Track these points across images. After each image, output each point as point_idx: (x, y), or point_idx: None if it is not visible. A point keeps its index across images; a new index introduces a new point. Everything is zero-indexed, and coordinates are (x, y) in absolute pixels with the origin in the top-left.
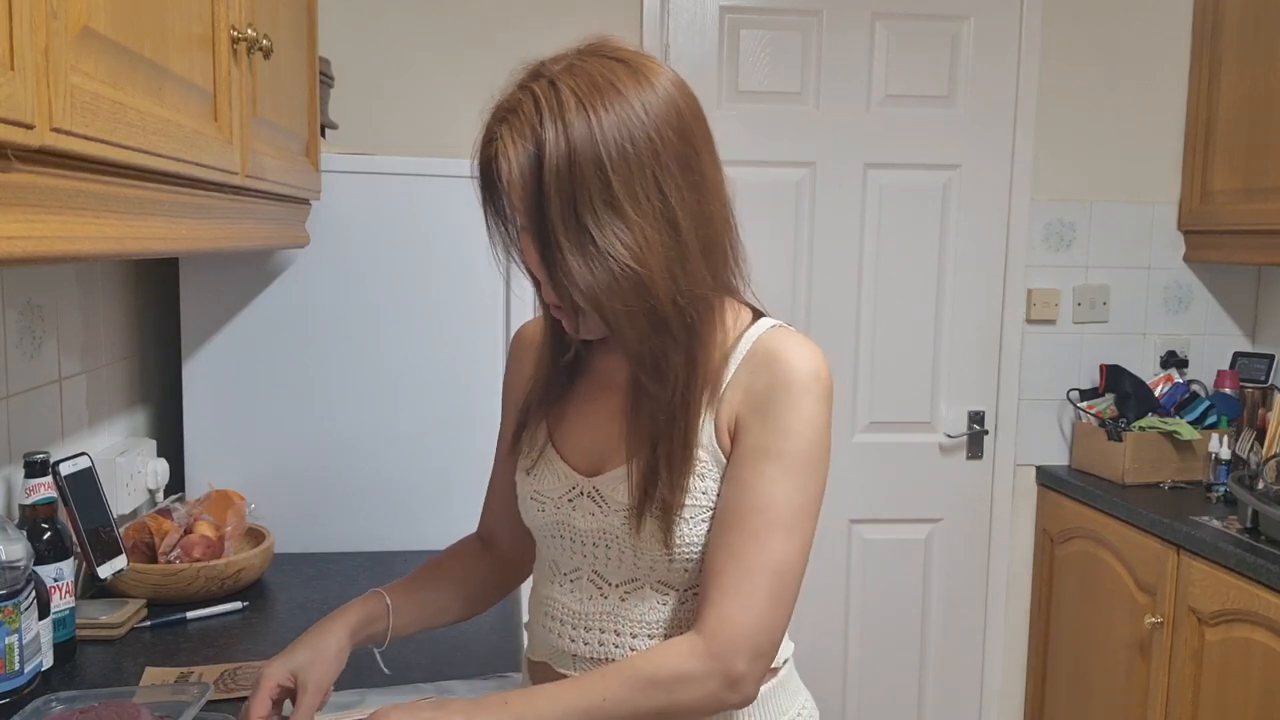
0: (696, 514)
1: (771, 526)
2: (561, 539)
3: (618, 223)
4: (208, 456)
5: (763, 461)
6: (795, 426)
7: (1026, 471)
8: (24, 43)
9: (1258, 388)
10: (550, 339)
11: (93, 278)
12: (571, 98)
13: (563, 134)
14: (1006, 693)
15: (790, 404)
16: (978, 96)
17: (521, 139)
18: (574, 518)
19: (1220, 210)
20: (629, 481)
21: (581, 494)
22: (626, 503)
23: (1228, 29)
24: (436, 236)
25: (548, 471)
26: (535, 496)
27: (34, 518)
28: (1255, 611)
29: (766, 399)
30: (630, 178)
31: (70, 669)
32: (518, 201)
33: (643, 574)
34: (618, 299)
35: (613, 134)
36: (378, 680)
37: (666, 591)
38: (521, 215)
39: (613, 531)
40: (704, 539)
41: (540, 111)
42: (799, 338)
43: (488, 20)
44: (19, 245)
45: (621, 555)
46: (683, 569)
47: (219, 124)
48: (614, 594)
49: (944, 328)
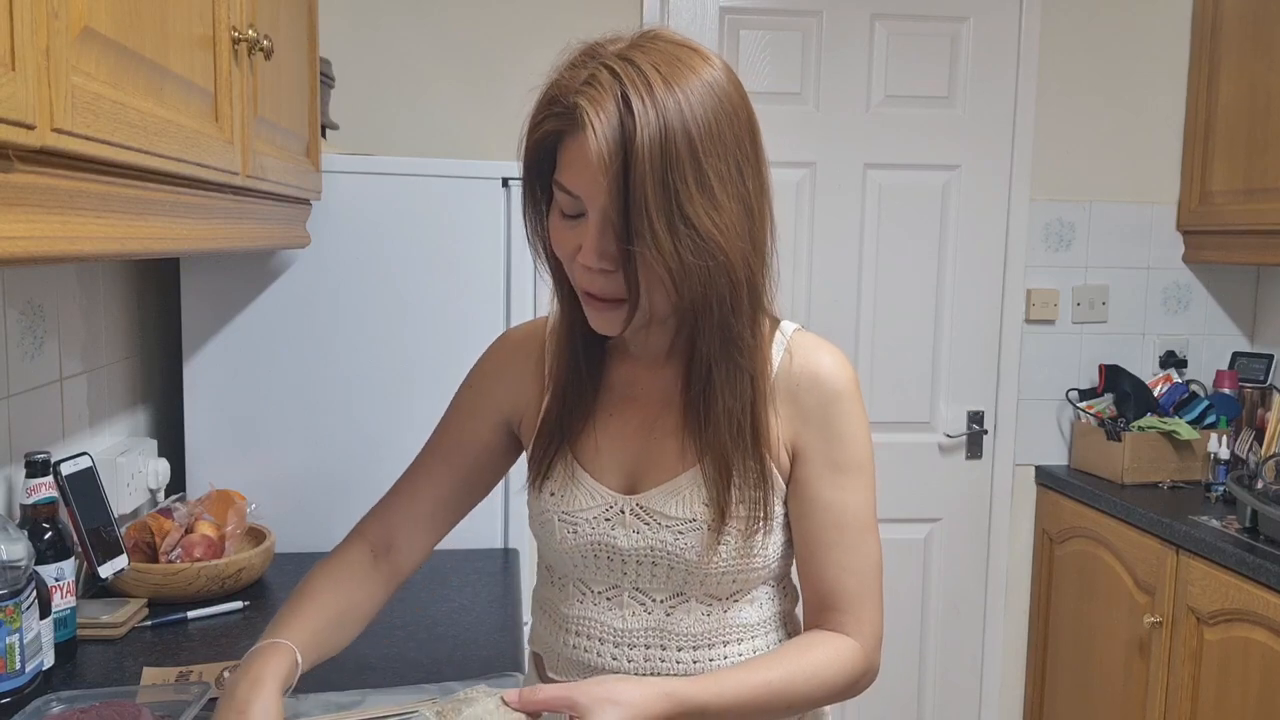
0: (774, 525)
1: (863, 531)
2: (597, 559)
3: (708, 202)
4: (208, 456)
5: (837, 475)
6: (852, 432)
7: (1026, 471)
8: (25, 43)
9: (1256, 388)
10: (577, 349)
11: (94, 278)
12: (655, 74)
13: (652, 108)
14: (1006, 693)
15: (843, 415)
16: (977, 97)
17: (606, 112)
18: (615, 536)
19: (1219, 210)
20: (683, 496)
21: (622, 512)
22: (681, 516)
23: (1227, 29)
24: (436, 236)
25: (576, 491)
26: (565, 518)
27: (35, 517)
28: (1254, 611)
29: (821, 416)
30: (717, 158)
31: (71, 668)
32: (599, 177)
33: (690, 588)
34: (702, 282)
35: (700, 112)
36: (378, 680)
37: (711, 603)
38: (603, 194)
39: (660, 548)
40: (780, 550)
41: (624, 85)
42: (820, 341)
43: (487, 21)
44: (20, 245)
45: (670, 570)
46: (731, 580)
47: (220, 124)
48: (659, 609)
49: (943, 328)
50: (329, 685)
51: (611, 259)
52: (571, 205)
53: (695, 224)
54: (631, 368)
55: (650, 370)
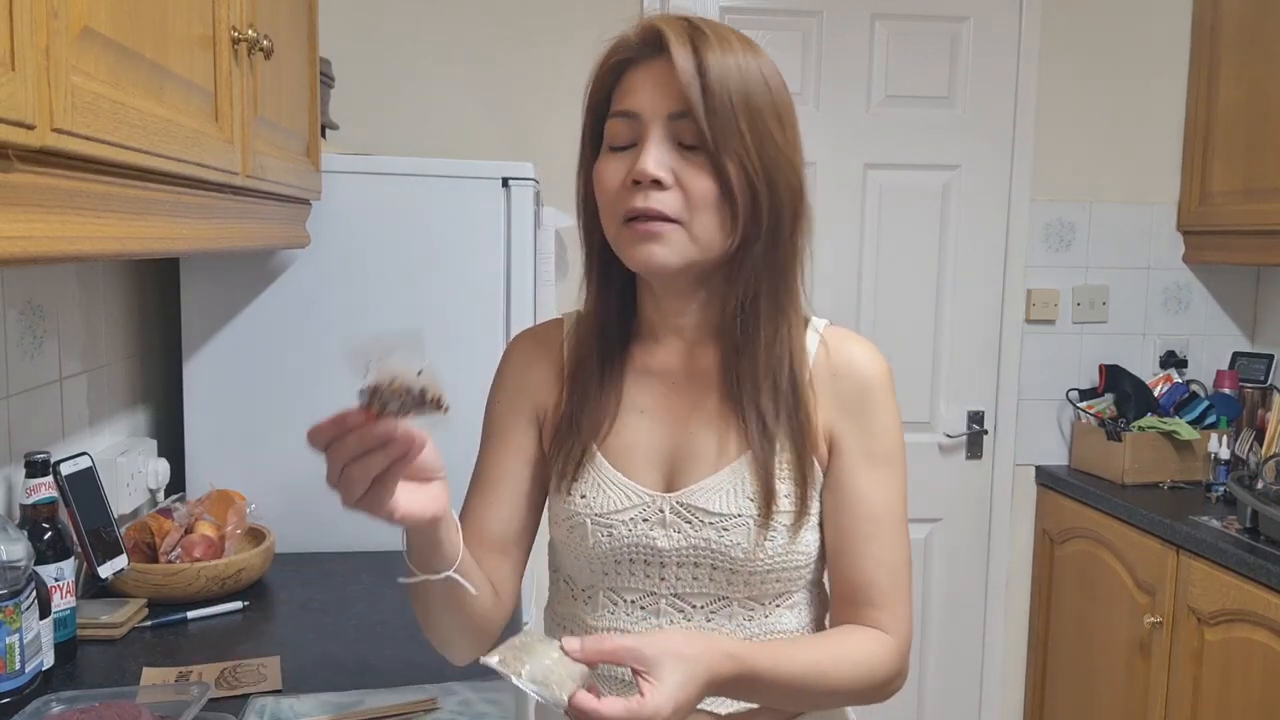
0: (814, 519)
1: (896, 525)
2: (634, 563)
3: (777, 124)
4: (208, 456)
5: (873, 468)
6: (887, 423)
7: (1026, 471)
8: (25, 42)
9: (1257, 388)
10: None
11: (93, 277)
12: (729, 33)
13: (731, 55)
14: (1006, 693)
15: (878, 406)
16: (978, 97)
17: (680, 29)
18: (654, 537)
19: (1220, 210)
20: (726, 490)
21: (661, 511)
22: (726, 512)
23: (1227, 29)
24: (436, 236)
25: (610, 492)
26: (599, 521)
27: (35, 518)
28: (1255, 611)
29: (859, 405)
30: (788, 118)
31: (71, 669)
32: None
33: (733, 590)
34: (768, 195)
35: (770, 74)
36: (378, 681)
37: (753, 608)
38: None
39: (704, 546)
40: (818, 548)
41: (701, 29)
42: (854, 334)
43: (488, 20)
44: (19, 245)
45: (713, 571)
46: (775, 579)
47: (220, 124)
48: (698, 615)
49: (943, 327)
50: (329, 685)
51: (668, 170)
52: (627, 133)
53: (772, 133)
54: (663, 355)
55: (684, 355)
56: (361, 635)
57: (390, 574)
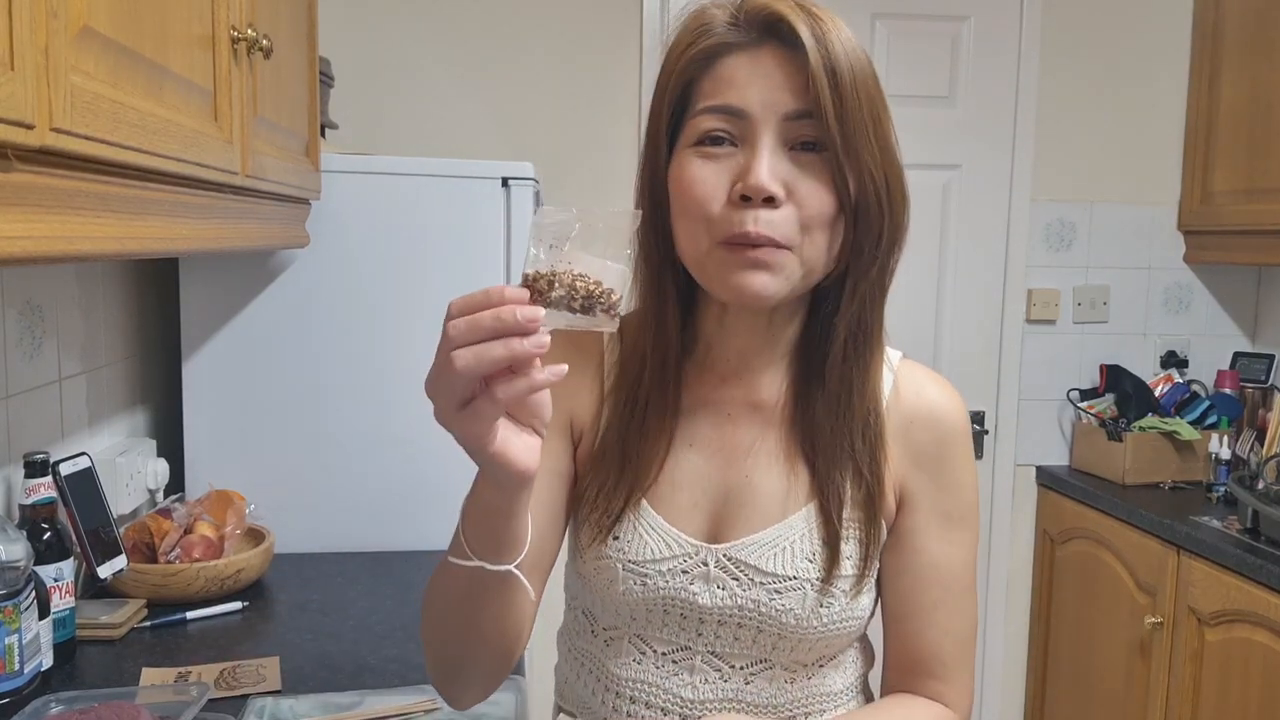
0: (874, 577)
1: (966, 592)
2: (667, 614)
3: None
4: (208, 456)
5: (947, 529)
6: (965, 480)
7: (1026, 471)
8: (24, 42)
9: (1258, 388)
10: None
11: (93, 278)
12: (827, 11)
13: (847, 40)
14: (1006, 693)
15: (957, 459)
16: (978, 96)
17: (808, 29)
18: (694, 593)
19: (1220, 211)
20: (784, 548)
21: (705, 564)
22: (781, 573)
23: (1228, 29)
24: (436, 236)
25: (647, 538)
26: (632, 568)
27: (34, 518)
28: (1255, 612)
29: (935, 458)
30: (889, 115)
31: (70, 669)
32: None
33: (778, 655)
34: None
35: (872, 68)
36: (377, 682)
37: (796, 669)
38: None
39: (751, 609)
40: (872, 608)
41: (809, 8)
42: (930, 371)
43: (487, 20)
44: (19, 245)
45: (758, 634)
46: (825, 644)
47: (219, 124)
48: (737, 677)
49: (944, 327)
50: (328, 686)
51: (782, 183)
52: (727, 132)
53: (889, 135)
54: (719, 381)
55: (745, 383)
56: (361, 636)
57: (389, 574)
